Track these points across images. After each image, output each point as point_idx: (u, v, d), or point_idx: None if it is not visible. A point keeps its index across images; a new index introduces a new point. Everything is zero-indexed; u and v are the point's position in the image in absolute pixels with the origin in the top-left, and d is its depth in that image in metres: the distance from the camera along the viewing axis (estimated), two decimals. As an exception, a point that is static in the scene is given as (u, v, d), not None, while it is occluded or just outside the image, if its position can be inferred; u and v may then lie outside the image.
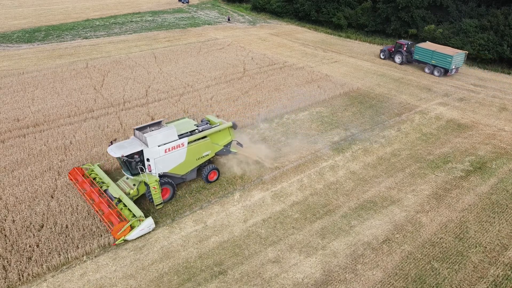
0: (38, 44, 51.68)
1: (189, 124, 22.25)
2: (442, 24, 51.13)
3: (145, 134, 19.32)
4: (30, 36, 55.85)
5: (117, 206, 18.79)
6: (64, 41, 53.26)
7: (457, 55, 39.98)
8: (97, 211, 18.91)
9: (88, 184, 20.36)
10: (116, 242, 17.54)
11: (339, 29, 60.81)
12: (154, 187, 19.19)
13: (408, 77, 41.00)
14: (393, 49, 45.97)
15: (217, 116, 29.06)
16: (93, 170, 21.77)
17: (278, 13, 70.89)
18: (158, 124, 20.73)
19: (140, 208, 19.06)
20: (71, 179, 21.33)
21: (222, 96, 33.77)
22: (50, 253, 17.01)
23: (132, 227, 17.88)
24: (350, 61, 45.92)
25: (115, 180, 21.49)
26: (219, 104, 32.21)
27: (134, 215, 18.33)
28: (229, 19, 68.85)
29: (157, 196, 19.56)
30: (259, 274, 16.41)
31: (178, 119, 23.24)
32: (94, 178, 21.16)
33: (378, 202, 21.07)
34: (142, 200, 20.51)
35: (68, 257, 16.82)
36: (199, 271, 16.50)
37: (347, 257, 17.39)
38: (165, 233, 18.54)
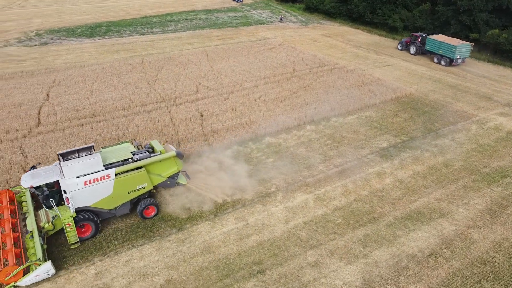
0: (98, 39, 54.47)
1: (125, 151, 19.23)
2: (508, 29, 48.04)
3: (61, 163, 17.01)
4: (92, 31, 58.99)
5: (31, 240, 16.65)
6: (122, 37, 55.74)
7: (462, 46, 43.31)
8: (0, 243, 16.57)
9: (8, 211, 18.00)
10: None
11: (394, 32, 58.93)
12: (68, 224, 16.93)
13: (466, 84, 38.97)
14: (409, 41, 49.70)
15: (166, 142, 25.18)
16: (24, 194, 19.36)
17: (331, 14, 69.89)
18: (89, 149, 17.87)
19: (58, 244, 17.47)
20: None
21: (270, 96, 33.86)
22: (99, 238, 17.86)
23: (26, 272, 15.61)
24: (404, 65, 44.39)
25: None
26: (266, 104, 32.33)
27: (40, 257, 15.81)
28: (281, 19, 68.82)
29: (71, 234, 17.13)
30: (297, 277, 16.32)
31: (118, 144, 20.39)
32: (21, 203, 19.10)
33: (426, 214, 20.23)
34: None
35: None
36: (238, 268, 16.69)
37: (390, 268, 16.85)
38: (207, 228, 18.91)
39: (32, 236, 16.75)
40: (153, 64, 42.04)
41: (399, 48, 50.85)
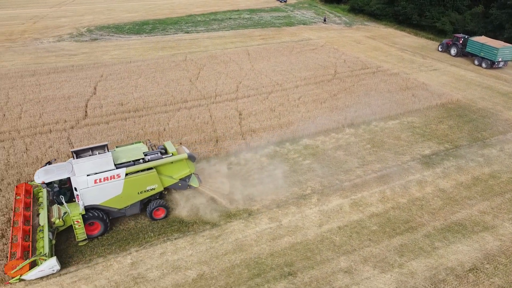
0: (145, 36, 56.19)
1: (138, 152, 19.09)
2: None
3: (73, 161, 17.20)
4: (139, 28, 60.93)
5: (41, 234, 16.94)
6: (167, 34, 57.19)
7: (504, 48, 42.52)
8: (12, 236, 16.99)
9: (23, 205, 18.35)
10: (10, 281, 15.65)
11: (442, 35, 56.70)
12: (77, 221, 17.13)
13: (519, 92, 36.87)
14: (451, 43, 48.91)
15: (180, 143, 25.19)
16: (41, 188, 19.62)
17: (376, 16, 68.29)
18: (103, 147, 18.05)
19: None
20: (16, 193, 19.37)
21: (310, 97, 33.59)
22: (136, 229, 18.47)
23: (33, 265, 15.86)
24: (452, 70, 42.63)
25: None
26: (305, 105, 32.10)
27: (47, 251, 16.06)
28: (325, 20, 68.08)
29: (79, 231, 17.34)
30: (329, 281, 16.09)
31: (132, 143, 20.31)
32: (38, 198, 19.40)
33: (468, 226, 19.34)
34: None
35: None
36: (269, 268, 16.69)
37: (426, 280, 16.26)
38: (241, 226, 19.04)
39: (41, 230, 16.99)
40: (196, 62, 42.82)
41: (440, 49, 50.37)
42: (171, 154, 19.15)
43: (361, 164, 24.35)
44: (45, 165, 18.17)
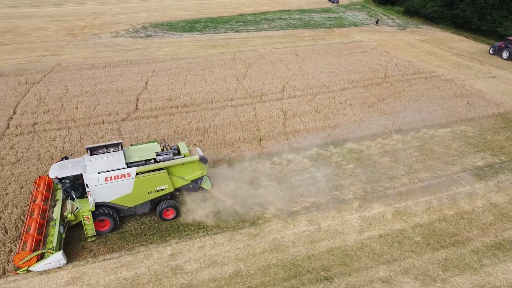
0: (196, 34, 57.54)
1: (150, 151, 19.00)
2: None
3: (85, 158, 17.54)
4: (191, 26, 62.49)
5: (53, 227, 17.41)
6: (218, 33, 58.20)
7: None
8: (25, 226, 17.38)
9: (42, 196, 18.92)
10: (18, 271, 16.11)
11: (503, 41, 53.40)
12: (87, 217, 17.40)
13: None
14: (503, 45, 46.99)
15: (194, 144, 24.50)
16: None
17: (433, 19, 65.54)
18: (117, 145, 18.22)
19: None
20: (37, 184, 19.91)
21: (357, 101, 32.89)
22: (177, 222, 18.99)
23: (41, 257, 16.27)
24: (513, 78, 40.10)
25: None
26: (352, 108, 31.47)
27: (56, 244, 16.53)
28: (377, 22, 66.35)
29: (89, 228, 17.61)
30: (366, 290, 15.71)
31: (147, 142, 20.24)
32: (56, 191, 19.86)
33: (522, 245, 18.12)
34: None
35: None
36: (305, 271, 16.55)
37: (471, 298, 15.44)
38: (279, 226, 19.02)
39: (54, 224, 17.41)
40: (244, 61, 43.26)
41: (491, 52, 48.61)
42: (182, 155, 18.99)
43: (407, 172, 23.53)
44: (61, 160, 18.57)
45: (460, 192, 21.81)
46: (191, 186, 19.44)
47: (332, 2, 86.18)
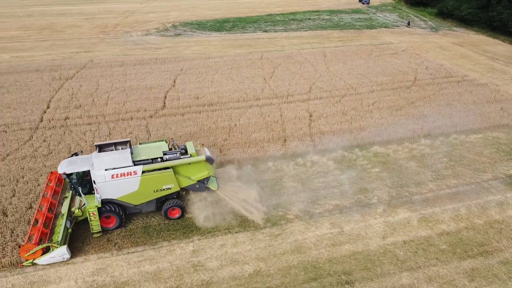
0: (224, 34, 57.95)
1: (158, 150, 19.05)
2: None
3: (93, 155, 17.74)
4: (220, 25, 62.99)
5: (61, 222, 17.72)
6: (246, 33, 58.43)
7: None
8: (34, 219, 17.57)
9: (52, 191, 19.36)
10: (23, 263, 16.38)
11: (543, 45, 51.32)
12: (93, 213, 17.60)
13: None
14: None
15: (202, 145, 24.75)
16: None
17: (467, 21, 63.59)
18: (125, 143, 18.52)
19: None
20: (49, 179, 20.35)
21: (385, 104, 32.32)
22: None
23: (47, 250, 16.56)
24: (551, 84, 38.42)
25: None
26: (380, 111, 30.95)
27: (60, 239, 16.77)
28: (408, 24, 64.96)
29: (94, 224, 17.82)
30: (388, 296, 15.44)
31: (155, 141, 20.36)
32: (67, 187, 20.06)
33: (555, 258, 17.36)
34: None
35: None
36: (326, 274, 16.41)
37: (498, 311, 14.92)
38: (301, 228, 18.93)
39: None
40: (271, 61, 43.26)
41: None
42: (189, 155, 18.95)
43: (435, 178, 22.94)
44: (71, 156, 18.97)
45: (490, 201, 21.09)
46: (197, 186, 19.43)
47: (363, 3, 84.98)
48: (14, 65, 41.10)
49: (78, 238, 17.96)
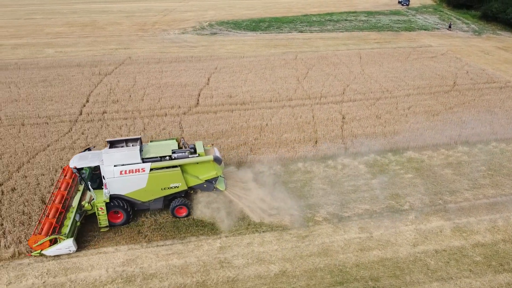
0: (260, 33, 58.13)
1: (167, 148, 19.10)
2: None
3: (102, 151, 18.03)
4: (255, 25, 63.24)
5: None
6: (281, 33, 58.37)
7: None
8: (44, 211, 17.97)
9: (66, 184, 19.56)
10: (32, 253, 16.78)
11: None
12: (101, 208, 17.95)
13: None
14: None
15: (212, 145, 24.87)
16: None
17: (513, 24, 60.88)
18: (136, 140, 18.81)
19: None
20: (63, 172, 20.52)
21: (421, 108, 31.43)
22: (228, 216, 19.40)
23: (54, 242, 16.91)
24: None
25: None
26: (415, 115, 30.13)
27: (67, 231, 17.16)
28: (450, 26, 62.89)
29: (102, 218, 18.16)
30: (416, 306, 15.03)
31: (166, 139, 20.62)
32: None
33: None
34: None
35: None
36: (352, 278, 16.17)
37: (534, 329, 14.21)
38: (329, 231, 18.74)
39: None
40: (305, 62, 43.02)
41: None
42: (197, 155, 18.95)
43: (471, 186, 22.10)
44: (84, 151, 19.38)
45: (531, 213, 20.09)
46: (205, 185, 19.41)
47: (402, 5, 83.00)
48: (57, 60, 42.94)
49: (110, 229, 18.55)
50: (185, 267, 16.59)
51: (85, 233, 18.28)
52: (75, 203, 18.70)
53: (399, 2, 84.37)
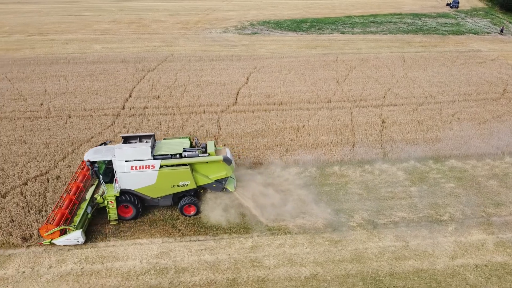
0: (301, 34, 57.79)
1: (178, 146, 19.28)
2: None
3: (115, 146, 18.34)
4: (297, 25, 62.95)
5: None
6: (323, 34, 57.77)
7: None
8: (58, 201, 18.43)
9: (83, 177, 20.04)
10: (43, 242, 17.21)
11: None
12: (111, 201, 18.30)
13: None
14: None
15: (224, 145, 24.91)
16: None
17: None
18: (149, 137, 19.06)
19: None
20: (82, 164, 20.72)
21: (467, 115, 30.10)
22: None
23: (63, 233, 17.25)
24: None
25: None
26: (460, 123, 28.90)
27: (77, 222, 17.52)
28: (502, 31, 59.85)
29: (112, 212, 18.53)
30: (452, 321, 14.42)
31: (178, 138, 20.71)
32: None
33: None
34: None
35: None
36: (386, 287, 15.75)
37: None
38: (363, 237, 18.32)
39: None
40: (346, 64, 42.34)
41: None
42: (207, 154, 18.95)
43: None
44: (100, 145, 19.77)
45: None
46: (214, 185, 19.38)
47: (451, 7, 79.94)
48: (104, 55, 44.66)
49: (145, 221, 19.07)
50: (217, 264, 16.75)
51: (122, 224, 18.88)
52: (88, 195, 19.20)
53: (448, 5, 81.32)
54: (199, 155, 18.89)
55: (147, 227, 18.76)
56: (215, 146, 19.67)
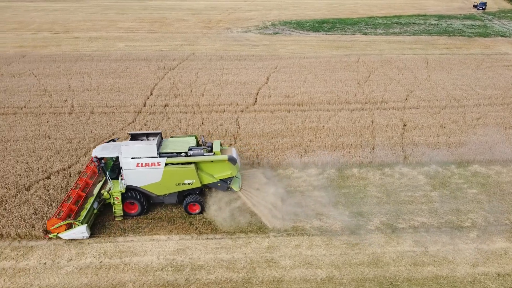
0: (322, 34, 57.40)
1: (185, 145, 19.41)
2: None
3: (122, 143, 18.49)
4: (318, 26, 62.55)
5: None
6: (345, 34, 57.23)
7: None
8: (68, 195, 18.97)
9: (91, 172, 20.47)
10: (49, 235, 17.56)
11: None
12: (116, 198, 18.47)
13: None
14: None
15: (230, 145, 24.86)
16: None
17: None
18: (156, 135, 19.29)
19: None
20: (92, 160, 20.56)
21: (492, 119, 29.31)
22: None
23: (69, 227, 17.57)
24: None
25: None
26: (485, 127, 28.15)
27: (83, 217, 17.80)
28: (531, 33, 58.06)
29: (117, 208, 18.74)
30: (472, 330, 14.06)
31: (185, 136, 20.72)
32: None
33: None
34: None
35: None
36: (403, 293, 15.48)
37: None
38: (381, 241, 18.07)
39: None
40: (368, 65, 41.82)
41: None
42: (213, 153, 19.03)
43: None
44: (108, 142, 20.05)
45: None
46: (219, 184, 19.51)
47: (478, 9, 78.03)
48: (127, 53, 45.37)
49: (163, 218, 19.28)
50: (233, 262, 16.80)
51: (141, 219, 19.15)
52: (95, 191, 19.51)
53: (474, 6, 79.43)
54: (205, 154, 19.05)
55: (165, 223, 18.97)
56: (221, 146, 19.82)
